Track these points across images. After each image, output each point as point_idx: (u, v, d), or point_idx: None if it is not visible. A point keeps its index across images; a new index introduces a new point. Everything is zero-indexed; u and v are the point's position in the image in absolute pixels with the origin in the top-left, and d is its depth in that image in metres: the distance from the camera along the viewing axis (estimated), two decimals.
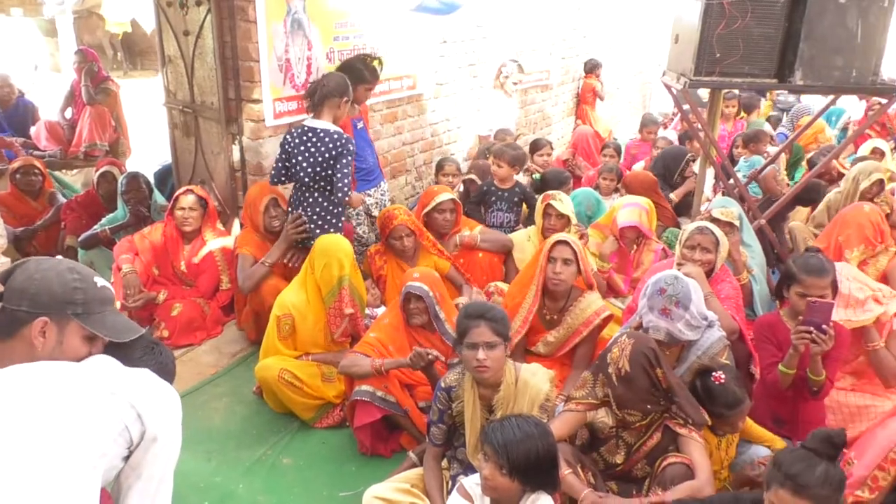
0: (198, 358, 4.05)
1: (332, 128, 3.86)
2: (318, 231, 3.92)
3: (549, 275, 3.40)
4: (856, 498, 2.35)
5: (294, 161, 3.86)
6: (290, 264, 4.03)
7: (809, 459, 1.92)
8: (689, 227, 3.52)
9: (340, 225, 4.05)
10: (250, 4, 4.04)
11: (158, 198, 4.93)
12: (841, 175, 5.57)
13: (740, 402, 2.70)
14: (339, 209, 4.01)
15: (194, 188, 4.28)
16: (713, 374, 2.73)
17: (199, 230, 4.28)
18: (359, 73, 4.44)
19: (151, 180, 5.11)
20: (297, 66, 4.47)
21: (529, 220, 4.92)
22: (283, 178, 4.00)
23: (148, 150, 7.48)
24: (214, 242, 4.29)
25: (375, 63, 4.54)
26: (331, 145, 3.79)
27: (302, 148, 3.83)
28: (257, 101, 4.23)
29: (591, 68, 9.49)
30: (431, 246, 4.16)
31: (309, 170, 3.83)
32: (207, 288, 4.28)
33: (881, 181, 4.62)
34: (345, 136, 3.87)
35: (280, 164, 3.95)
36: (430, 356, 3.00)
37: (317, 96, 3.86)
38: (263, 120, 4.27)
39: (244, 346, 4.20)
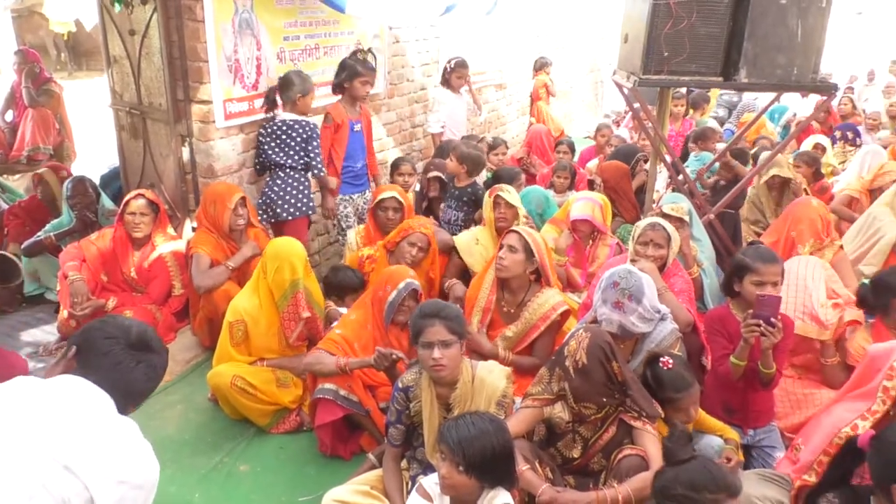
0: None
1: (300, 118, 4.37)
2: (288, 209, 4.35)
3: (496, 261, 3.43)
4: (803, 482, 2.41)
5: (268, 149, 4.35)
6: None
7: (708, 466, 2.05)
8: (641, 223, 3.58)
9: (312, 205, 4.46)
10: (198, 4, 3.97)
11: (106, 202, 4.79)
12: None
13: (688, 385, 2.75)
14: (307, 191, 4.43)
15: (145, 192, 4.18)
16: (661, 359, 2.79)
17: (149, 235, 4.18)
18: (351, 68, 4.61)
19: (98, 184, 4.98)
20: (246, 66, 4.40)
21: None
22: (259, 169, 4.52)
23: (94, 153, 7.28)
24: (165, 247, 4.20)
25: (367, 56, 4.75)
26: (300, 131, 4.33)
27: (275, 136, 4.34)
28: (206, 102, 4.15)
29: (541, 66, 9.59)
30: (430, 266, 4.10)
31: (282, 154, 4.31)
32: (159, 294, 4.19)
33: (776, 177, 4.88)
34: (312, 122, 4.41)
35: (257, 157, 4.48)
36: (393, 356, 2.99)
37: (279, 94, 4.40)
38: (213, 121, 4.19)
39: (198, 353, 4.13)
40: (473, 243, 4.25)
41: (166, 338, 4.11)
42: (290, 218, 4.37)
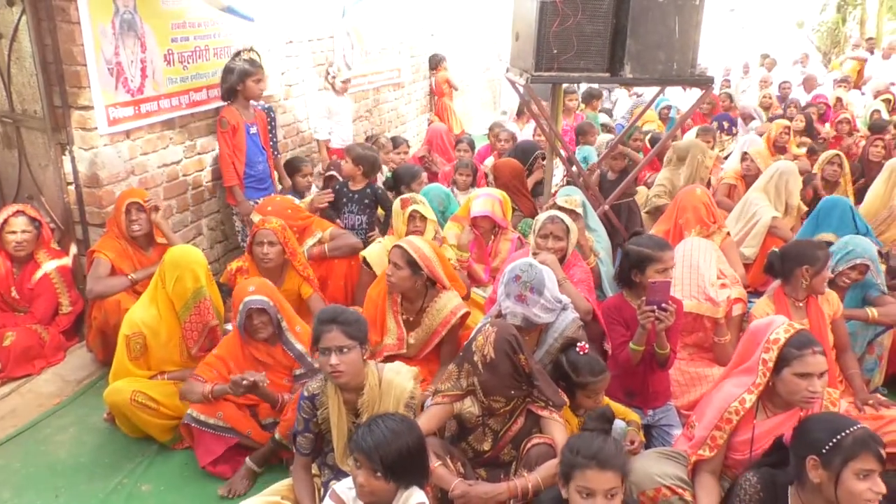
0: (37, 388, 3.73)
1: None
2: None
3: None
4: (698, 457, 2.54)
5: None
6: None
7: (598, 437, 2.13)
8: (540, 216, 3.68)
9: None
10: (71, 4, 3.74)
11: None
12: None
13: (603, 369, 2.90)
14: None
15: (24, 208, 3.93)
16: (577, 345, 2.92)
17: (31, 253, 3.94)
18: (240, 69, 4.52)
19: None
20: (130, 69, 4.20)
21: (385, 223, 4.92)
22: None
23: None
24: (50, 264, 3.97)
25: (251, 55, 4.67)
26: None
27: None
28: (87, 108, 3.93)
29: (436, 63, 9.67)
30: (302, 269, 3.91)
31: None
32: (44, 313, 3.95)
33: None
34: (268, 105, 4.87)
35: None
36: (245, 381, 2.94)
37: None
38: (96, 128, 3.97)
39: (92, 371, 3.92)
40: (384, 254, 4.15)
41: (55, 358, 3.90)
42: None
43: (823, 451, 2.06)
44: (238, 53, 4.71)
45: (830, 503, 2.07)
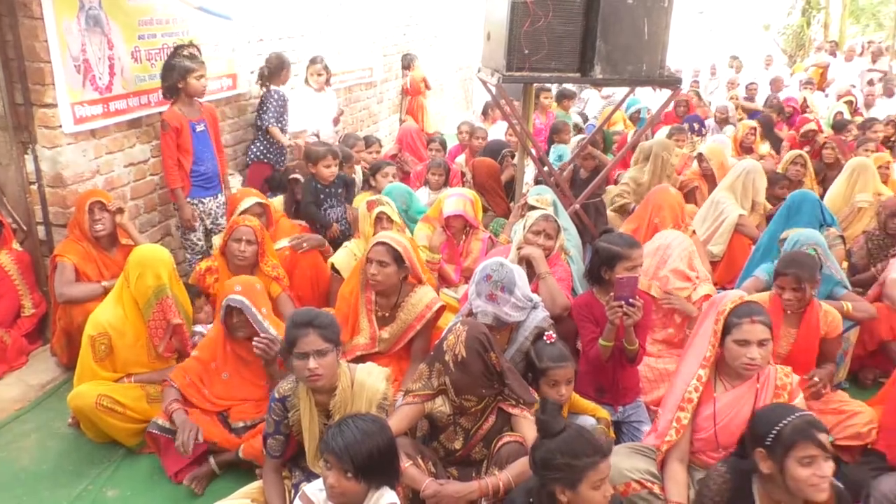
0: None
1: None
2: None
3: (368, 275, 3.39)
4: (667, 443, 2.58)
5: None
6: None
7: (578, 432, 2.13)
8: (533, 213, 3.73)
9: None
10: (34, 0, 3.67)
11: None
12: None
13: (566, 359, 2.94)
14: None
15: None
16: (545, 334, 2.99)
17: None
18: (179, 66, 4.35)
19: None
20: (97, 66, 4.12)
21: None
22: None
23: None
24: (11, 266, 3.87)
25: (192, 50, 4.47)
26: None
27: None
28: (51, 106, 3.85)
29: (409, 62, 9.66)
30: (272, 269, 3.85)
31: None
32: (5, 315, 3.86)
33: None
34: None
35: None
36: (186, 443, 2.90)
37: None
38: (60, 126, 3.89)
39: (56, 375, 3.84)
40: (352, 259, 4.12)
41: (17, 362, 3.82)
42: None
43: (767, 442, 2.13)
44: (178, 49, 4.50)
45: (784, 490, 2.13)
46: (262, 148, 5.81)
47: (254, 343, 3.01)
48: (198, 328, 3.69)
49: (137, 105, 4.49)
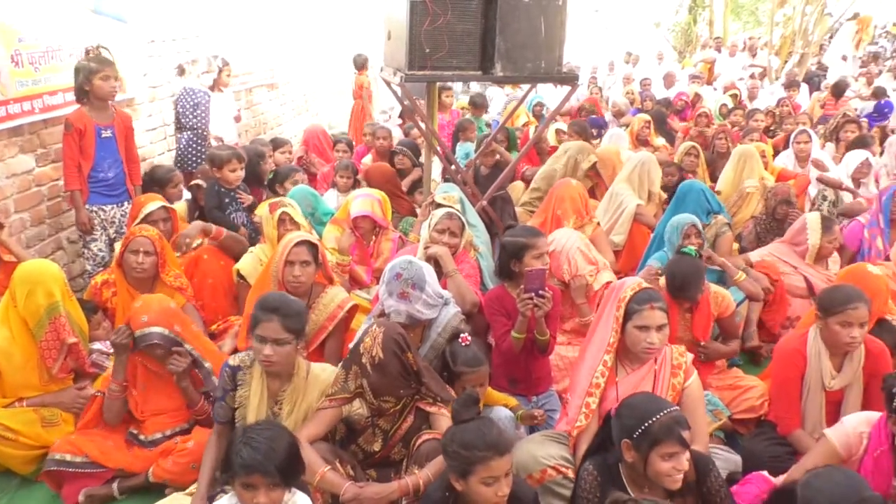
0: None
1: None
2: None
3: (288, 278, 3.33)
4: (577, 429, 2.65)
5: None
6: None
7: (484, 426, 2.17)
8: (438, 212, 3.75)
9: None
10: None
11: None
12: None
13: (480, 363, 2.97)
14: None
15: None
16: (461, 336, 3.01)
17: None
18: (85, 67, 4.22)
19: None
20: None
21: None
22: None
23: None
24: None
25: (100, 52, 4.37)
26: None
27: None
28: None
29: (362, 64, 9.54)
30: (174, 279, 3.70)
31: None
32: None
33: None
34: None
35: None
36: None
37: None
38: None
39: None
40: (258, 264, 3.99)
41: None
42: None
43: (634, 436, 2.25)
44: (87, 53, 4.40)
45: (645, 476, 2.28)
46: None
47: (169, 364, 2.95)
48: (97, 345, 3.51)
49: (19, 112, 4.22)
